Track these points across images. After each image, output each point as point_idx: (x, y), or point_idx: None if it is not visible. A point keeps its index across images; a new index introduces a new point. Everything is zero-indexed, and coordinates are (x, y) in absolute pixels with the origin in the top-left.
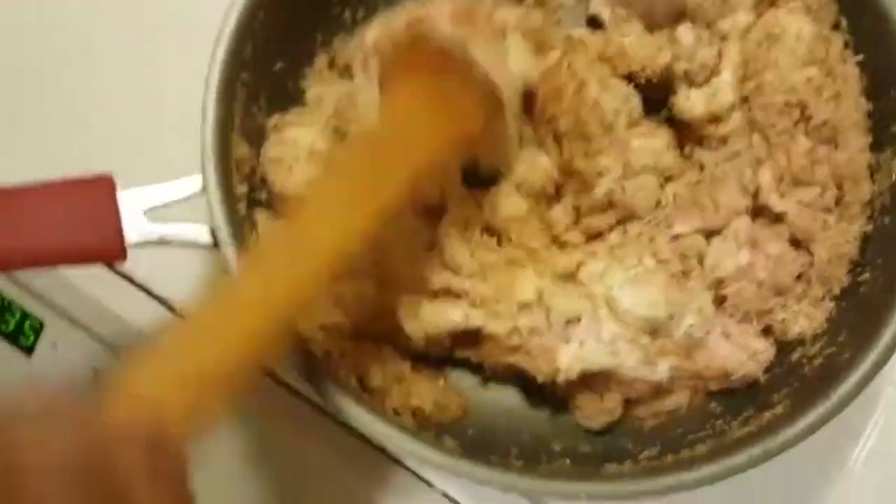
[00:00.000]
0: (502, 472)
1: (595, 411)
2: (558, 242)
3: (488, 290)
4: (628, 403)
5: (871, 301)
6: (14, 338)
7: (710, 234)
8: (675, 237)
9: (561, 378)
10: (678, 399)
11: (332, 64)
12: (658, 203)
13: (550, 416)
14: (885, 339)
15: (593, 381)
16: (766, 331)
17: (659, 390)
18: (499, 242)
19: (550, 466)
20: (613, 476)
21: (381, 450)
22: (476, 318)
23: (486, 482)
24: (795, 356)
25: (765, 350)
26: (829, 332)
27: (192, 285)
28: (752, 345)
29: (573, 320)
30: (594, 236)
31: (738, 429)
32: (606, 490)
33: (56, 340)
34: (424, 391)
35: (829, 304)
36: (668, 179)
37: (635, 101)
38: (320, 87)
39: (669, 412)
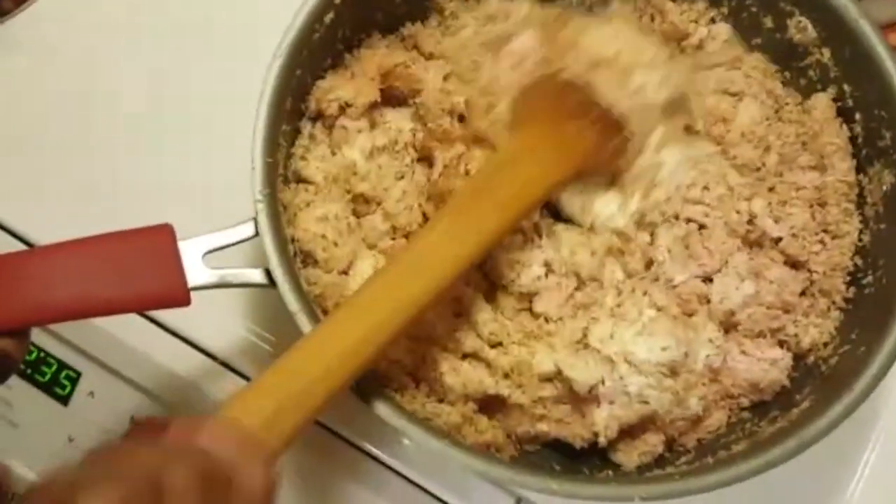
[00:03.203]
0: (555, 482)
1: (637, 452)
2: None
3: (510, 362)
4: (670, 439)
5: (878, 299)
6: (49, 388)
7: (708, 276)
8: (675, 286)
9: (602, 440)
10: (717, 420)
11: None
12: (650, 261)
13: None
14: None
15: (633, 428)
16: (781, 344)
17: (697, 420)
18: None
19: (594, 476)
20: (662, 478)
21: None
22: (503, 387)
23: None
24: (811, 359)
25: (783, 357)
26: (839, 336)
27: (229, 331)
28: (769, 355)
29: (597, 384)
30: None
31: (767, 427)
32: (659, 491)
33: (93, 389)
34: (486, 427)
35: (836, 313)
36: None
37: None
38: (315, 162)
39: (710, 432)
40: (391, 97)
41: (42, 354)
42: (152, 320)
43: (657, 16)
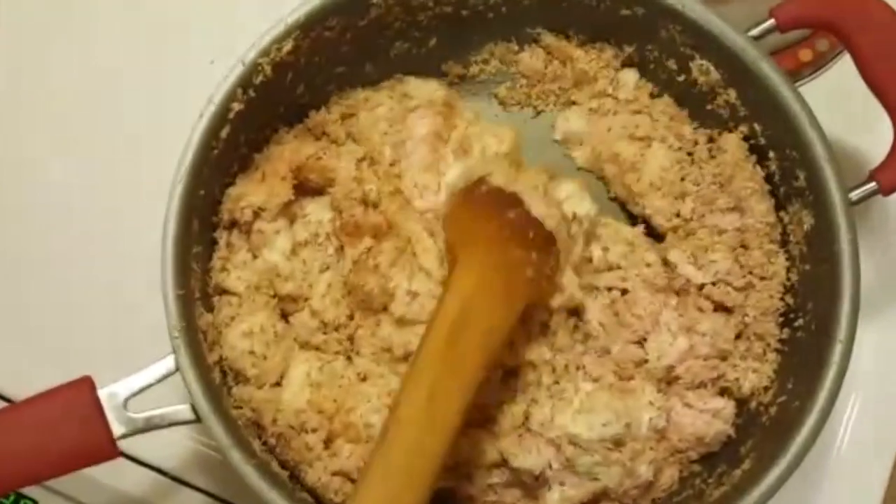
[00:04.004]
0: None
1: None
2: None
3: (453, 454)
4: None
5: (809, 347)
6: None
7: (642, 339)
8: (610, 355)
9: None
10: (669, 477)
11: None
12: (588, 335)
13: None
14: (826, 386)
15: (587, 503)
16: (723, 392)
17: (650, 484)
18: None
19: None
20: None
21: None
22: (450, 480)
23: None
24: (753, 405)
25: (725, 406)
26: (777, 381)
27: (178, 446)
28: (712, 405)
29: (545, 469)
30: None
31: (714, 488)
32: None
33: None
34: None
35: (773, 356)
36: None
37: None
38: (236, 272)
39: (664, 490)
40: (309, 187)
41: None
42: None
43: (567, 62)
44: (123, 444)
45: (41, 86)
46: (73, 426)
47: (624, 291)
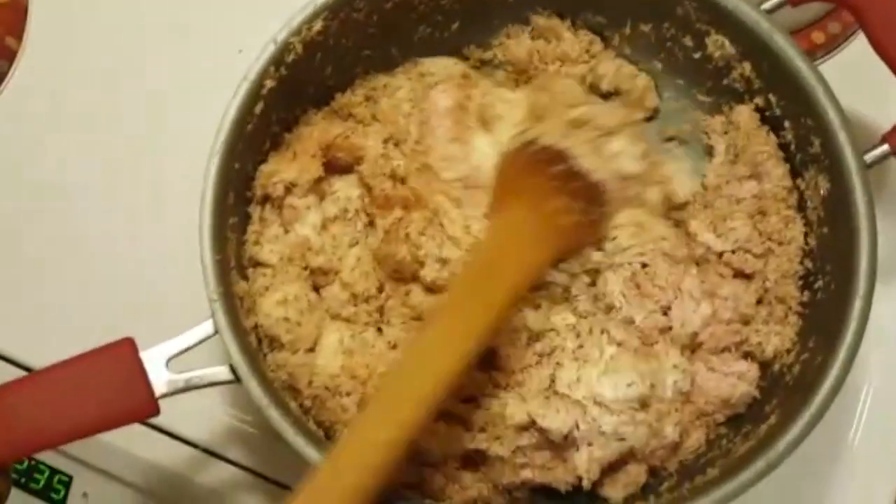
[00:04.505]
0: None
1: (621, 485)
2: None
3: (484, 416)
4: (652, 467)
5: (829, 307)
6: (45, 494)
7: (665, 308)
8: (634, 324)
9: (586, 483)
10: (696, 440)
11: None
12: (612, 307)
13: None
14: (847, 342)
15: (615, 462)
16: (747, 356)
17: (677, 445)
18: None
19: None
20: None
21: None
22: (481, 441)
23: None
24: (776, 367)
25: (749, 369)
26: (800, 342)
27: (212, 420)
28: (736, 368)
29: (572, 430)
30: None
31: (741, 444)
32: None
33: (86, 490)
34: (471, 482)
35: (794, 318)
36: None
37: None
38: (269, 245)
39: (691, 452)
40: (337, 165)
41: (34, 462)
42: None
43: (552, 39)
44: (157, 418)
45: (93, 84)
46: (116, 382)
47: (644, 265)
